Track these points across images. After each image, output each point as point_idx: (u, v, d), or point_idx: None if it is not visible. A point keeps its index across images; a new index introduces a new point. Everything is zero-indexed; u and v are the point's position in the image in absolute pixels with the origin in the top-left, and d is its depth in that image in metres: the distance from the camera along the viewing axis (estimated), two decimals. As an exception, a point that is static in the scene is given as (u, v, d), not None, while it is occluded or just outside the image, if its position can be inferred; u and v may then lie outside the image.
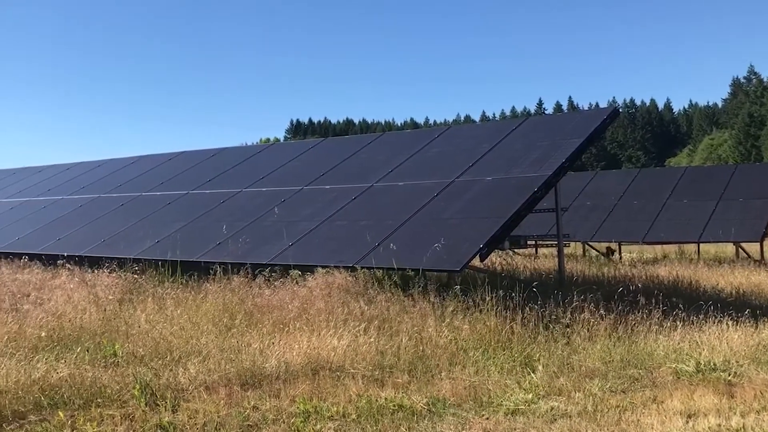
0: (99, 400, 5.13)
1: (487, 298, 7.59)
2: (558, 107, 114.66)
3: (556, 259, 11.50)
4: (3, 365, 5.76)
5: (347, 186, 11.84)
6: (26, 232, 15.20)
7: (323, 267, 9.30)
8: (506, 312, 7.41)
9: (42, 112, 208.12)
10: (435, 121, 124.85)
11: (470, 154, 11.31)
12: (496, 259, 13.19)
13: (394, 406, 5.16)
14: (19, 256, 13.40)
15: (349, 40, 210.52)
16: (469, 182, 10.40)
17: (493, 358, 6.50)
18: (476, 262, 9.05)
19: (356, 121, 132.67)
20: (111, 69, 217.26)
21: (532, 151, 10.66)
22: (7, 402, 5.01)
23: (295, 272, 9.43)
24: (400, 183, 11.25)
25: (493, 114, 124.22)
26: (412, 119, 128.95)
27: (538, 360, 6.46)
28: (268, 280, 9.37)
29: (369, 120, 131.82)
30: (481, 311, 7.50)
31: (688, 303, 8.37)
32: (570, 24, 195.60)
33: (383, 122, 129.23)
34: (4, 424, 4.75)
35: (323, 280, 8.94)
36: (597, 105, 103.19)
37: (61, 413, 4.83)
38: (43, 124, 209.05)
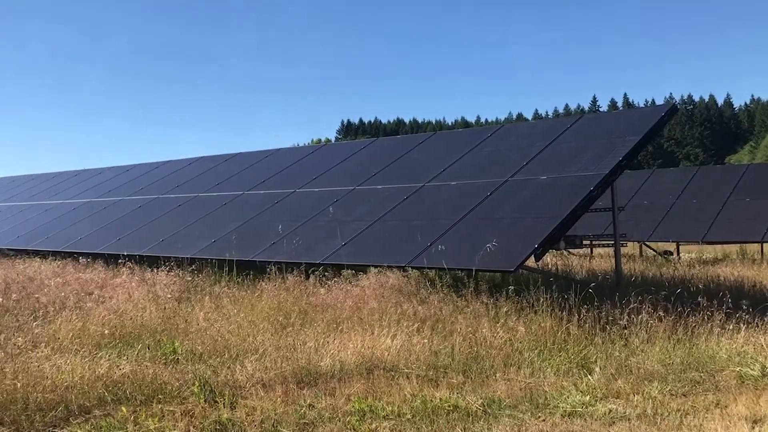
0: (160, 397, 5.25)
1: (542, 299, 7.50)
2: (613, 104, 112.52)
3: (613, 260, 11.29)
4: (69, 361, 5.96)
5: (399, 186, 11.86)
6: (88, 232, 15.69)
7: (376, 267, 9.33)
8: (562, 313, 7.31)
9: (116, 117, 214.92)
10: (486, 119, 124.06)
11: (524, 153, 11.19)
12: (550, 259, 13.02)
13: (449, 406, 5.14)
14: (83, 255, 13.86)
15: (399, 40, 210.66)
16: (523, 181, 10.29)
17: (549, 359, 6.42)
18: (530, 262, 8.94)
19: (407, 120, 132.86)
20: (170, 72, 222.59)
21: (587, 149, 10.48)
22: (73, 397, 5.17)
23: (348, 272, 9.50)
24: (453, 182, 11.21)
25: (546, 112, 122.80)
26: (463, 118, 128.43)
27: (595, 362, 6.34)
28: (322, 280, 9.46)
29: (419, 119, 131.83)
30: (536, 312, 7.42)
31: (753, 305, 8.09)
32: (624, 19, 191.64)
33: (434, 121, 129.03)
34: (70, 418, 4.91)
35: (376, 280, 8.98)
36: (653, 102, 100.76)
37: (123, 408, 4.97)
38: (115, 128, 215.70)
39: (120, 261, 12.27)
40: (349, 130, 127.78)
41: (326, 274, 9.63)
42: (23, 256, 15.38)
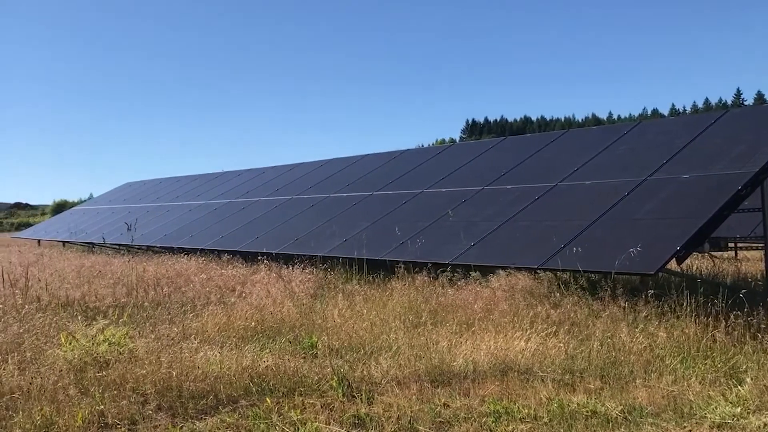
0: (301, 389, 5.47)
1: (685, 304, 7.13)
2: (760, 97, 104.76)
3: (762, 264, 10.53)
4: (216, 353, 6.35)
5: (529, 186, 11.66)
6: (229, 231, 16.58)
7: (505, 268, 9.24)
8: (707, 319, 6.91)
9: (257, 120, 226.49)
10: (619, 116, 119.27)
11: (663, 151, 10.66)
12: (693, 261, 12.33)
13: (587, 411, 5.01)
14: (224, 252, 14.68)
15: (525, 36, 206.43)
16: (663, 180, 9.81)
17: (693, 367, 6.09)
18: (671, 265, 8.52)
19: (534, 118, 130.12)
20: (303, 78, 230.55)
21: (734, 146, 9.83)
22: (221, 387, 5.50)
23: (476, 273, 9.46)
24: (587, 182, 10.88)
25: (684, 107, 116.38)
26: (593, 115, 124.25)
27: (746, 372, 5.95)
28: (450, 280, 9.49)
29: (547, 117, 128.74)
30: (678, 317, 7.06)
31: None
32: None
33: (562, 119, 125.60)
34: (220, 407, 5.22)
35: (506, 282, 8.89)
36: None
37: (268, 400, 5.22)
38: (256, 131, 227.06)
39: (258, 258, 12.90)
40: (474, 129, 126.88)
41: (455, 274, 9.64)
42: (169, 253, 16.48)
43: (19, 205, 75.88)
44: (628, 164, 10.85)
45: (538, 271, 8.80)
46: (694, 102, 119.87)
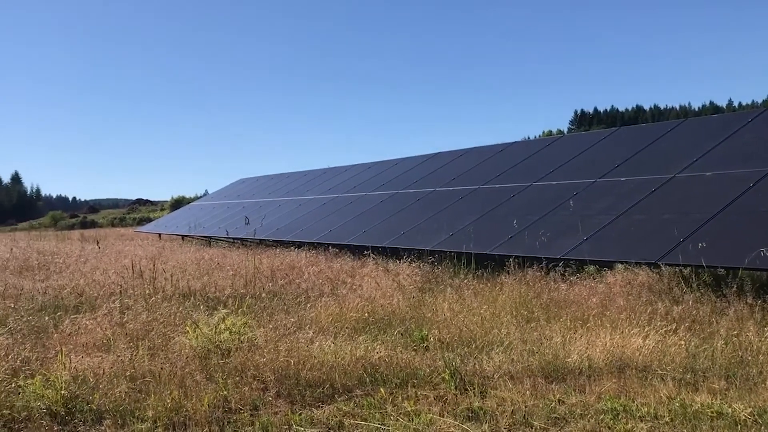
0: (413, 381, 5.53)
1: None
2: None
3: None
4: (330, 343, 6.52)
5: (645, 177, 11.21)
6: (337, 225, 16.94)
7: (622, 263, 8.94)
8: None
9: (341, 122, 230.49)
10: (740, 103, 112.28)
11: (794, 139, 9.98)
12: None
13: (711, 412, 4.78)
14: (332, 246, 15.02)
15: (635, 20, 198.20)
16: (794, 171, 9.18)
17: (831, 370, 5.68)
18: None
19: (647, 107, 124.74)
20: (407, 74, 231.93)
21: None
22: (337, 376, 5.64)
23: (591, 267, 9.21)
24: (708, 173, 10.34)
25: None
26: (711, 102, 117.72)
27: None
28: (563, 275, 9.28)
29: (661, 106, 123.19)
30: (814, 317, 6.61)
31: None
32: None
33: (677, 107, 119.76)
34: (335, 395, 5.36)
35: (622, 277, 8.62)
36: None
37: (382, 390, 5.31)
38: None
39: (365, 252, 13.11)
40: (582, 120, 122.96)
41: (567, 269, 9.43)
42: (281, 246, 17.04)
43: (140, 201, 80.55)
44: (753, 154, 10.22)
45: (659, 265, 8.44)
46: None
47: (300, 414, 4.97)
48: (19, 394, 5.24)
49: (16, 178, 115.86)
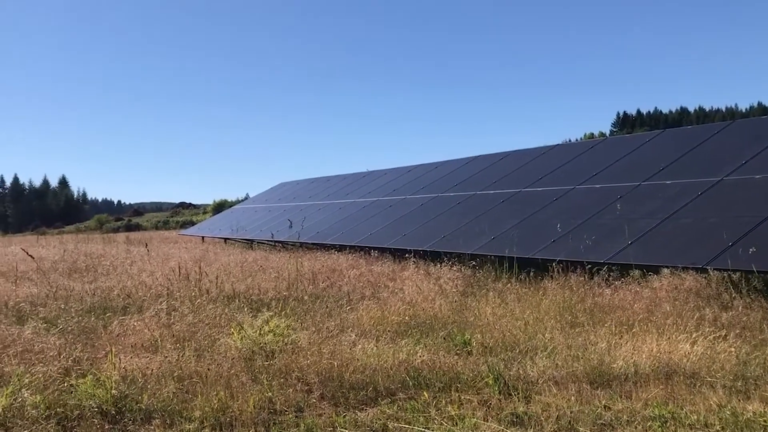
0: (457, 385, 5.52)
1: None
2: None
3: None
4: (373, 346, 6.54)
5: (691, 180, 11.00)
6: (377, 228, 16.98)
7: (668, 267, 8.78)
8: None
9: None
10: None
11: None
12: None
13: (764, 421, 4.66)
14: (373, 249, 15.06)
15: (680, 18, 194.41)
16: None
17: None
18: None
19: (691, 109, 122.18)
20: (438, 76, 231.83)
21: None
22: (380, 379, 5.66)
23: (636, 272, 9.07)
24: (757, 176, 10.08)
25: None
26: (759, 103, 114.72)
27: None
28: (607, 280, 9.16)
29: (706, 107, 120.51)
30: None
31: None
32: None
33: (724, 109, 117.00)
34: (378, 398, 5.38)
35: (668, 282, 8.47)
36: None
37: (425, 393, 5.31)
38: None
39: (405, 256, 13.11)
40: (625, 122, 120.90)
41: (611, 274, 9.29)
42: (322, 249, 17.15)
43: (183, 205, 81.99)
44: (806, 156, 9.94)
45: (707, 270, 8.27)
46: None
47: (344, 416, 5.00)
48: (71, 393, 5.38)
49: (63, 183, 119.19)
